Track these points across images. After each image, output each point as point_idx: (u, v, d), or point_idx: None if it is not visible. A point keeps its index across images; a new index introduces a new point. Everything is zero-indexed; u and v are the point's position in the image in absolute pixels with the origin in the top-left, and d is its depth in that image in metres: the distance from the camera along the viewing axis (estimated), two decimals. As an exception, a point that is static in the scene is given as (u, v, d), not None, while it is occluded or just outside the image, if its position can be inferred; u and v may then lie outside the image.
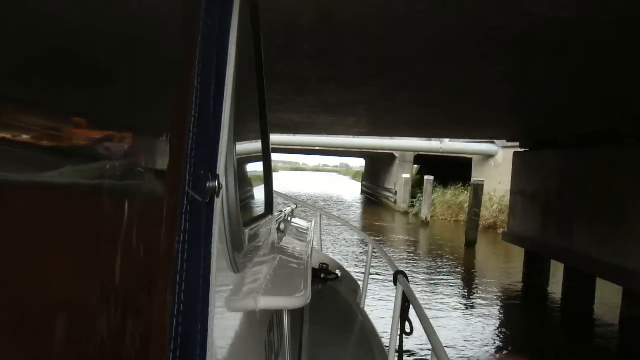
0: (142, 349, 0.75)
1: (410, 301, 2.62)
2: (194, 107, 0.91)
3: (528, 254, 13.63)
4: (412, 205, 29.02)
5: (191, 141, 0.89)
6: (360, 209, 34.52)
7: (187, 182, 0.87)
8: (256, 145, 2.00)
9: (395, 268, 3.09)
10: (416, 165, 32.00)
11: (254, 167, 2.03)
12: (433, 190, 26.46)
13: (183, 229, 0.86)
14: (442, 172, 27.40)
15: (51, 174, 0.55)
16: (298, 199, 6.39)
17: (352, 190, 55.41)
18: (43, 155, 0.53)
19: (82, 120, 0.60)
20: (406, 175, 29.82)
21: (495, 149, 25.75)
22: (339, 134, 18.41)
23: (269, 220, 2.07)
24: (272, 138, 2.55)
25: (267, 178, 2.23)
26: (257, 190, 2.05)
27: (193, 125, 0.90)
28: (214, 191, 0.92)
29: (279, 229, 2.74)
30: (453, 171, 28.10)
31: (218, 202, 0.96)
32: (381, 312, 8.24)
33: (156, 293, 0.80)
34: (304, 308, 2.59)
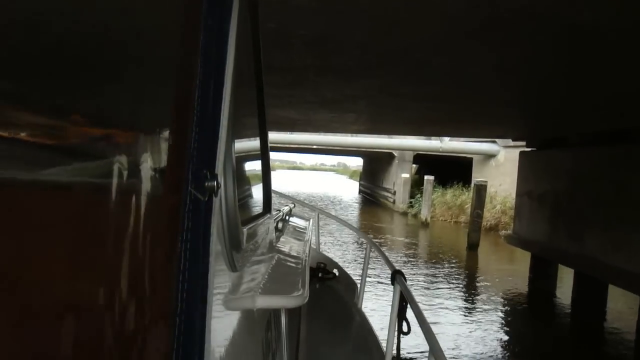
0: (142, 347, 0.77)
1: (408, 301, 2.62)
2: (194, 107, 0.92)
3: (534, 258, 13.05)
4: (411, 206, 28.48)
5: (191, 141, 0.90)
6: (358, 209, 33.98)
7: (189, 181, 0.88)
8: (254, 144, 1.99)
9: (393, 268, 3.10)
10: (415, 165, 31.47)
11: (252, 166, 2.02)
12: (432, 190, 25.89)
13: (181, 227, 0.87)
14: (442, 172, 26.84)
15: (52, 173, 0.56)
16: (295, 198, 6.40)
17: (350, 189, 54.86)
18: (44, 154, 0.54)
19: (83, 119, 0.61)
20: (405, 175, 29.27)
21: (496, 148, 25.27)
22: (337, 131, 17.86)
23: (267, 220, 2.07)
24: (269, 136, 2.53)
25: (265, 177, 2.21)
26: (255, 189, 2.05)
27: (193, 124, 0.91)
28: (213, 190, 0.93)
29: (276, 228, 2.77)
30: (453, 171, 27.60)
31: (216, 201, 0.97)
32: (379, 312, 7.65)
33: (155, 291, 0.81)
34: (301, 307, 2.55)
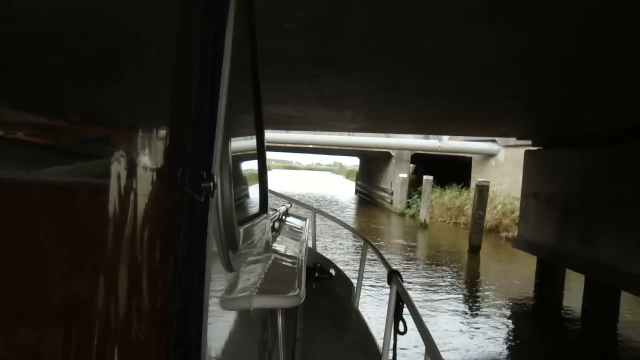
0: (138, 346, 0.77)
1: (404, 301, 2.62)
2: (191, 108, 0.92)
3: (540, 262, 12.49)
4: (409, 206, 27.90)
5: (187, 141, 0.91)
6: (355, 209, 33.38)
7: (186, 182, 0.89)
8: (251, 144, 1.97)
9: (389, 268, 3.11)
10: (412, 165, 30.90)
11: (249, 166, 2.00)
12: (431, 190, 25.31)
13: (178, 227, 0.87)
14: (440, 172, 26.26)
15: (49, 173, 0.55)
16: (292, 198, 6.28)
17: (346, 189, 54.26)
18: (40, 154, 0.54)
19: (79, 120, 0.61)
20: (403, 175, 28.69)
21: (496, 147, 24.75)
22: (333, 130, 17.27)
23: (263, 219, 2.05)
24: (265, 135, 2.45)
25: (262, 177, 2.19)
26: (252, 189, 2.02)
27: (189, 125, 0.92)
28: (209, 191, 0.93)
29: (273, 228, 2.79)
30: (451, 171, 27.04)
31: (213, 202, 0.97)
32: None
33: (152, 291, 0.81)
34: (298, 307, 2.55)
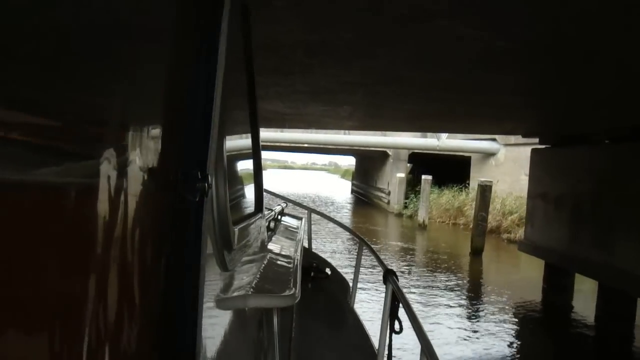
0: (133, 345, 0.76)
1: (400, 300, 2.62)
2: (185, 108, 0.93)
3: (549, 267, 11.80)
4: (406, 207, 27.23)
5: (181, 141, 0.92)
6: (351, 209, 32.73)
7: (178, 182, 0.89)
8: (246, 144, 1.96)
9: (385, 267, 3.11)
10: (409, 164, 30.25)
11: (244, 166, 2.00)
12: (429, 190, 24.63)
13: (173, 228, 0.88)
14: (438, 172, 25.55)
15: (42, 173, 0.55)
16: (288, 198, 6.16)
17: (342, 189, 53.53)
18: (33, 154, 0.53)
19: (73, 120, 0.61)
20: (400, 175, 28.02)
21: (496, 146, 24.14)
22: (329, 127, 16.55)
23: (258, 219, 2.05)
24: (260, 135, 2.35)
25: (257, 177, 2.19)
26: (247, 189, 2.03)
27: (183, 126, 0.93)
28: (204, 190, 0.92)
29: (268, 228, 2.89)
30: (449, 171, 26.37)
31: (207, 201, 0.96)
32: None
33: (147, 291, 0.81)
34: (294, 306, 2.45)
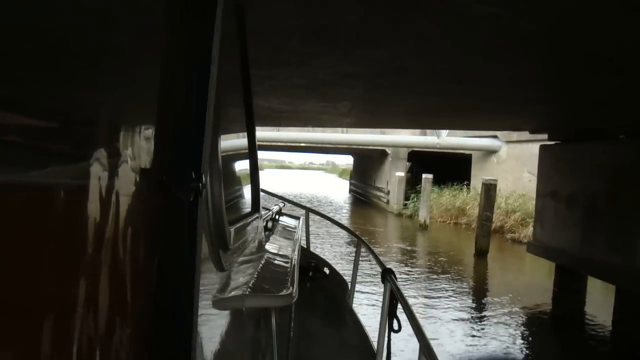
0: (127, 346, 0.75)
1: (398, 299, 2.62)
2: (178, 108, 0.93)
3: (560, 269, 11.25)
4: (406, 206, 26.68)
5: (175, 141, 0.91)
6: (350, 210, 32.18)
7: (172, 182, 0.89)
8: (242, 143, 1.96)
9: (383, 266, 3.09)
10: (408, 163, 29.70)
11: (240, 166, 2.00)
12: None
13: (167, 228, 0.87)
14: (437, 170, 24.96)
15: (35, 174, 0.54)
16: (284, 197, 6.02)
17: (340, 189, 52.96)
18: (26, 155, 0.52)
19: (66, 120, 0.60)
20: (400, 174, 27.46)
21: (498, 144, 23.64)
22: (327, 125, 16.02)
23: (255, 219, 2.04)
24: (256, 134, 2.32)
25: (254, 176, 2.18)
26: (243, 188, 2.02)
27: (177, 125, 0.92)
28: (198, 190, 0.92)
29: (266, 228, 2.90)
30: (449, 169, 25.82)
31: (202, 201, 0.96)
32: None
33: (142, 292, 0.81)
34: (292, 306, 2.40)
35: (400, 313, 2.61)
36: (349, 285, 4.52)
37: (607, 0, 3.86)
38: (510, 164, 22.71)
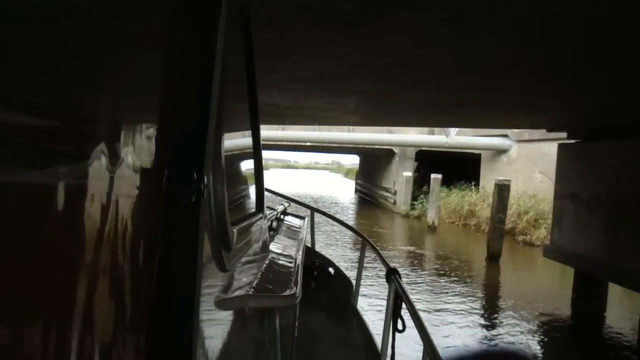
0: (129, 346, 0.75)
1: (402, 299, 2.60)
2: (181, 108, 0.91)
3: (579, 275, 10.62)
4: (414, 207, 26.06)
5: (177, 141, 0.90)
6: (356, 210, 31.60)
7: (174, 182, 0.88)
8: (246, 141, 1.94)
9: (387, 266, 3.06)
10: (415, 163, 29.10)
11: (244, 166, 1.98)
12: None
13: (169, 229, 0.86)
14: (445, 170, 24.33)
15: (36, 174, 0.54)
16: (290, 197, 5.83)
17: (345, 189, 52.39)
18: (26, 155, 0.52)
19: (68, 121, 0.60)
20: (407, 174, 26.86)
21: (508, 143, 23.03)
22: (333, 123, 15.48)
23: (259, 219, 2.03)
24: (261, 133, 2.29)
25: (258, 176, 2.17)
26: (247, 188, 2.00)
27: (179, 125, 0.90)
28: (200, 191, 0.91)
29: (271, 228, 2.97)
30: (457, 169, 25.20)
31: (204, 202, 0.95)
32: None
33: (143, 292, 0.80)
34: (296, 305, 2.36)
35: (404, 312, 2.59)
36: (354, 285, 4.50)
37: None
38: (520, 163, 22.09)
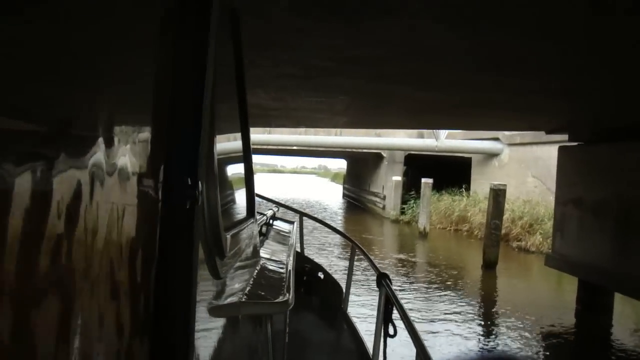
0: (124, 353, 0.75)
1: (393, 303, 2.63)
2: (173, 114, 0.91)
3: (583, 284, 10.07)
4: (403, 212, 25.47)
5: (171, 147, 0.90)
6: (344, 216, 31.01)
7: (168, 189, 0.88)
8: (237, 148, 1.96)
9: (378, 271, 3.08)
10: (404, 167, 28.54)
11: (235, 171, 2.01)
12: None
13: (164, 235, 0.87)
14: (435, 174, 23.73)
15: (28, 179, 0.54)
16: (278, 202, 5.85)
17: (333, 193, 51.72)
18: (18, 159, 0.52)
19: (62, 125, 0.60)
20: (397, 178, 26.29)
21: (499, 146, 22.62)
22: (321, 125, 14.86)
23: (250, 224, 2.05)
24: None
25: (249, 181, 2.20)
26: (238, 194, 2.03)
27: (172, 131, 0.91)
28: (194, 197, 0.91)
29: (260, 233, 2.95)
30: (447, 173, 24.67)
31: (198, 208, 0.95)
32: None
33: (137, 299, 0.80)
34: (286, 312, 2.35)
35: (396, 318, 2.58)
36: (344, 290, 4.49)
37: None
38: (512, 167, 21.63)
